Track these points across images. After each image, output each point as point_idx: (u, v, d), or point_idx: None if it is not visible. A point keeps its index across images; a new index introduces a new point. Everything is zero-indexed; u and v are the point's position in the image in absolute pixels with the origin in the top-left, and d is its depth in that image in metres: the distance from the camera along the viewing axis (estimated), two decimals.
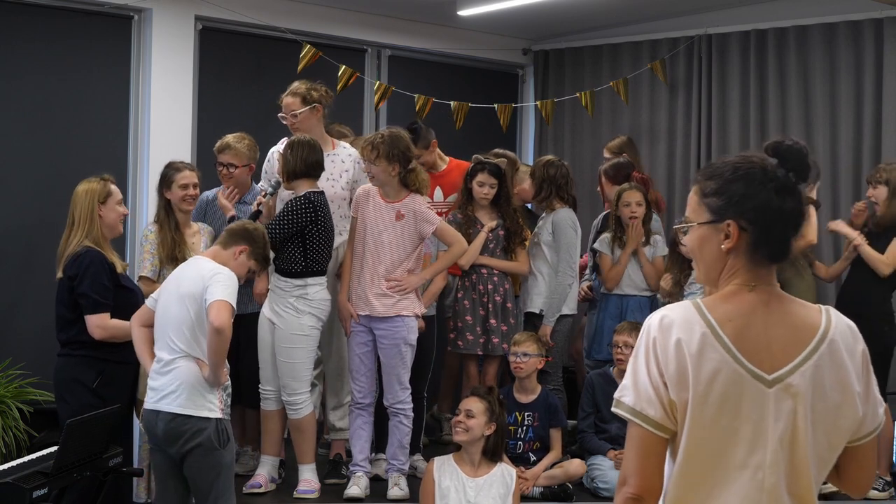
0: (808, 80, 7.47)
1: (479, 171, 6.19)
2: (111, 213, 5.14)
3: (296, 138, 5.52)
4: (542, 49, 8.72)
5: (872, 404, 2.33)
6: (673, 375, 2.24)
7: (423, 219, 5.50)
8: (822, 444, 2.28)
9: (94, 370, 4.99)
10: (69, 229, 5.10)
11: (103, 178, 5.16)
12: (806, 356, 2.27)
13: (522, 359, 5.79)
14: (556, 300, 6.28)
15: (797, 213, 2.32)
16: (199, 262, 4.69)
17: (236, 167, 5.86)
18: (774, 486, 2.24)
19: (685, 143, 8.02)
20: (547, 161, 6.54)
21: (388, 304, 5.47)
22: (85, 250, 5.01)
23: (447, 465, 5.17)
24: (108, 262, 5.04)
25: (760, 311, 2.29)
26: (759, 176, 2.30)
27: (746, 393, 2.24)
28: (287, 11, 7.39)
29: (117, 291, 5.06)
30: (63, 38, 6.69)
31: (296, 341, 5.40)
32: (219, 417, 4.54)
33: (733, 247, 2.31)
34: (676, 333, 2.25)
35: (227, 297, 4.46)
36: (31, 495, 3.95)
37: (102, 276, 5.00)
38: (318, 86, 5.81)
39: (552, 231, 6.31)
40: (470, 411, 5.15)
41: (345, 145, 5.96)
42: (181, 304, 4.54)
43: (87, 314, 4.99)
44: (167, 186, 5.66)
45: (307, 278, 5.41)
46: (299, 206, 5.37)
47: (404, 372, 5.52)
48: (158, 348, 4.61)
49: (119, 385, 5.04)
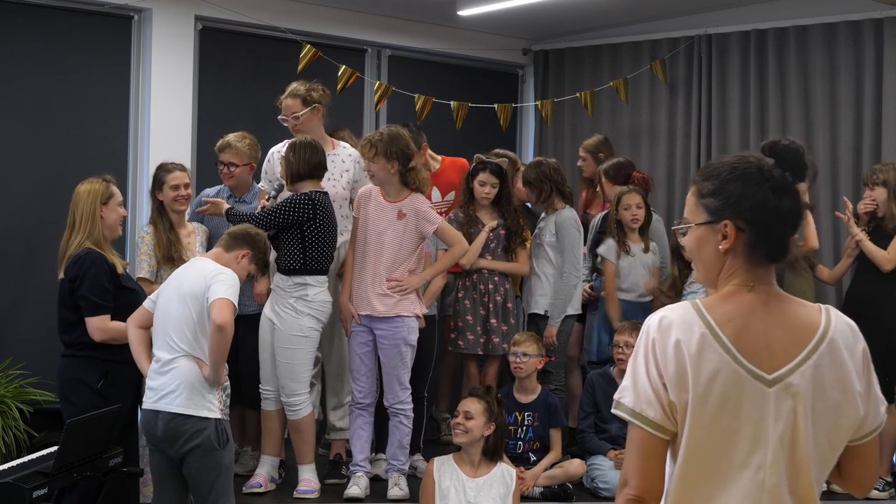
0: (808, 80, 7.46)
1: (480, 170, 6.20)
2: (112, 215, 5.12)
3: (297, 140, 5.52)
4: (542, 49, 8.72)
5: (874, 403, 2.33)
6: (672, 376, 2.24)
7: (425, 218, 5.50)
8: (823, 443, 2.28)
9: (97, 371, 4.98)
10: (70, 230, 5.08)
11: (105, 179, 5.15)
12: (806, 355, 2.27)
13: (522, 359, 5.79)
14: (560, 301, 6.27)
15: (794, 212, 2.32)
16: (200, 263, 4.70)
17: (237, 166, 5.88)
18: (775, 486, 2.24)
19: (685, 143, 8.01)
20: (535, 162, 6.56)
21: (389, 304, 5.47)
22: (85, 252, 4.99)
23: (447, 466, 5.17)
24: (108, 263, 5.03)
25: (760, 311, 2.29)
26: (755, 176, 2.30)
27: (746, 393, 2.24)
28: (287, 11, 7.39)
29: (118, 292, 5.05)
30: (63, 38, 6.68)
31: (295, 342, 5.40)
32: (218, 418, 4.54)
33: (731, 247, 2.31)
34: (675, 334, 2.25)
35: (230, 295, 4.46)
36: (31, 495, 3.95)
37: (103, 277, 4.99)
38: (316, 86, 5.82)
39: (555, 232, 6.32)
40: (468, 412, 5.15)
41: (345, 145, 5.96)
42: (182, 304, 4.54)
43: (86, 316, 4.98)
44: (159, 188, 5.68)
45: (307, 276, 5.41)
46: (299, 202, 5.38)
47: (404, 372, 5.52)
48: (157, 348, 4.61)
49: (123, 385, 5.02)
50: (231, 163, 5.89)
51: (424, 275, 5.60)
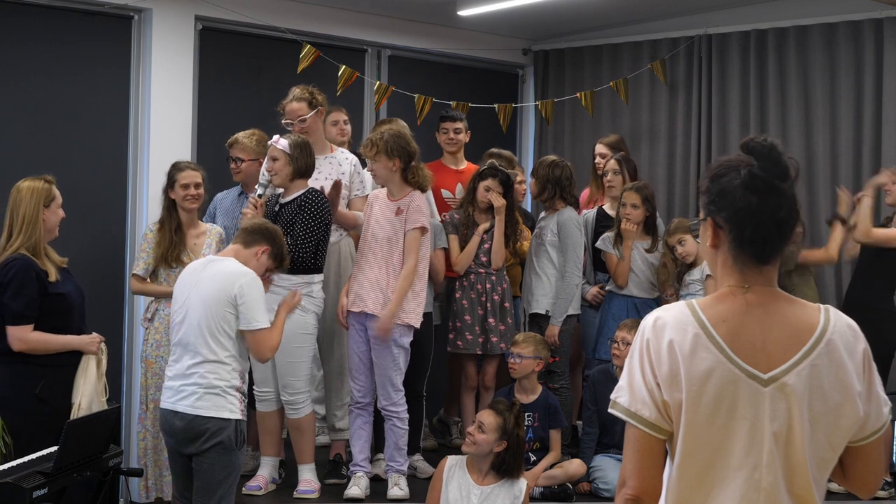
0: (808, 80, 7.46)
1: (490, 175, 6.18)
2: (53, 217, 5.01)
3: (301, 139, 5.52)
4: (542, 49, 8.72)
5: (876, 403, 2.32)
6: (665, 376, 2.25)
7: (412, 215, 5.47)
8: (822, 444, 2.27)
9: (35, 377, 4.89)
10: (7, 232, 4.94)
11: (46, 180, 5.02)
12: (802, 356, 2.27)
13: (517, 360, 5.78)
14: (563, 300, 6.27)
15: (772, 211, 2.29)
16: (220, 265, 4.64)
17: (243, 161, 6.05)
18: (772, 486, 2.24)
19: (685, 143, 8.01)
20: (552, 161, 6.52)
21: (381, 302, 5.46)
22: (12, 259, 4.86)
23: (458, 468, 5.04)
24: (38, 269, 4.88)
25: (756, 311, 2.29)
26: (731, 174, 2.32)
27: (742, 392, 2.24)
28: (287, 11, 7.39)
29: (45, 300, 4.91)
30: (63, 38, 6.68)
31: (299, 340, 5.40)
32: (239, 418, 4.56)
33: (715, 244, 2.35)
34: (669, 335, 2.27)
35: (260, 318, 4.53)
36: (31, 495, 3.95)
37: (28, 286, 4.85)
38: (315, 89, 5.83)
39: (557, 231, 6.31)
40: (482, 425, 4.97)
41: (343, 150, 5.99)
42: (204, 308, 4.53)
43: (7, 325, 4.87)
44: (171, 186, 5.71)
45: (314, 275, 5.44)
46: (315, 205, 5.39)
47: (396, 374, 5.50)
48: (179, 350, 4.62)
49: (63, 388, 4.93)
50: (238, 157, 6.05)
51: (391, 308, 5.40)
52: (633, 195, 6.39)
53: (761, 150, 2.33)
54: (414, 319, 5.49)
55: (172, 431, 4.58)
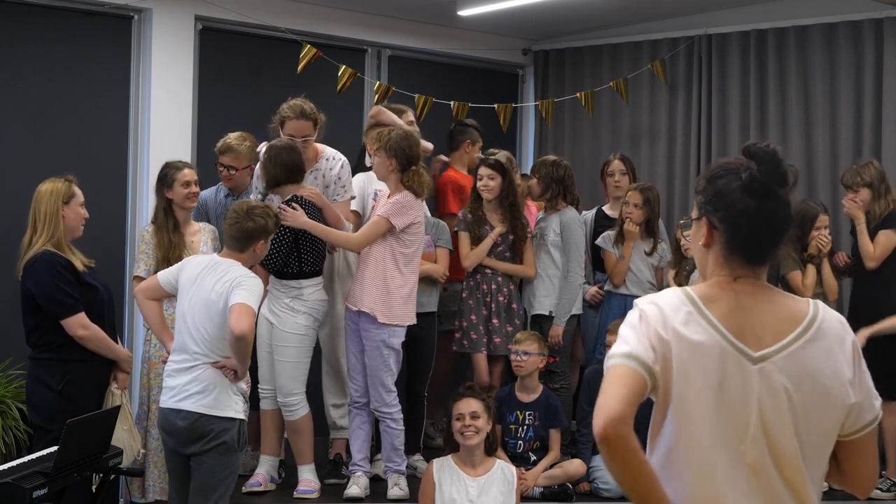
0: (808, 80, 7.46)
1: (481, 165, 6.23)
2: (73, 215, 5.07)
3: (274, 144, 5.52)
4: (542, 49, 8.71)
5: (867, 394, 2.35)
6: (658, 345, 2.28)
7: (381, 201, 5.55)
8: (813, 432, 2.30)
9: (59, 373, 4.95)
10: (31, 230, 5.02)
11: (67, 179, 5.10)
12: (793, 339, 2.31)
13: (523, 357, 5.79)
14: (567, 300, 6.28)
15: (769, 215, 2.34)
16: (222, 267, 4.64)
17: (237, 170, 5.95)
18: (757, 462, 2.27)
19: (685, 143, 8.02)
20: (554, 161, 6.56)
21: (379, 301, 5.46)
22: (37, 255, 4.94)
23: (447, 467, 5.16)
24: (64, 260, 4.96)
25: (746, 298, 2.35)
26: (731, 176, 2.36)
27: (730, 366, 2.28)
28: (287, 11, 7.39)
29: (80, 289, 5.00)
30: (63, 38, 6.68)
31: (291, 340, 5.40)
32: (242, 419, 4.56)
33: (709, 244, 2.39)
34: (663, 311, 2.31)
35: (250, 301, 4.46)
36: (31, 495, 3.95)
37: (56, 277, 4.92)
38: (308, 101, 5.77)
39: (559, 231, 6.32)
40: (475, 413, 5.19)
41: (329, 158, 5.85)
42: (205, 310, 4.54)
43: (61, 320, 4.93)
44: (168, 186, 5.67)
45: (301, 280, 5.43)
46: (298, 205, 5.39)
47: (387, 375, 5.50)
48: (179, 348, 4.62)
49: (86, 385, 5.00)
50: (231, 166, 5.94)
51: (312, 223, 5.36)
52: (636, 195, 6.40)
53: (763, 155, 2.37)
54: (406, 320, 5.51)
55: (174, 431, 4.57)
